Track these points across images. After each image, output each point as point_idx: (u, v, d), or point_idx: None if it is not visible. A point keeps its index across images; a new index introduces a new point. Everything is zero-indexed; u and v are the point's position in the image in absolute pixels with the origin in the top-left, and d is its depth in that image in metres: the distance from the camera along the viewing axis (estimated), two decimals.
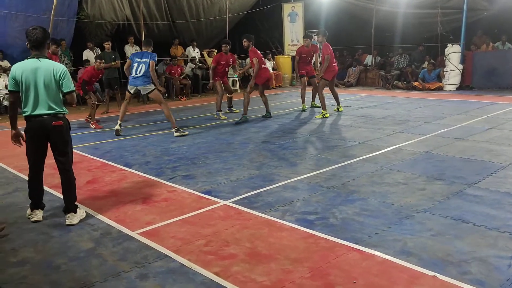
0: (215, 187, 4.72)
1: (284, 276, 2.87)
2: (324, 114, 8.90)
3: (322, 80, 9.09)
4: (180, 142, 6.98)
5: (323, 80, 9.07)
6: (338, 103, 9.68)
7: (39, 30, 3.75)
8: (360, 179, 4.84)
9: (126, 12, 13.39)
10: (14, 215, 4.09)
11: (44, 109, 3.74)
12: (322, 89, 9.09)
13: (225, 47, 9.37)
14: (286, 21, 16.37)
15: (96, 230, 3.71)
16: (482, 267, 2.90)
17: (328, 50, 8.87)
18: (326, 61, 8.81)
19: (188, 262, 3.09)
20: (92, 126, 8.47)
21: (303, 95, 10.05)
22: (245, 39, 8.87)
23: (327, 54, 8.82)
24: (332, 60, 8.99)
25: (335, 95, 9.61)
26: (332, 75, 9.20)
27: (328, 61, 8.81)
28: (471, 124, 7.65)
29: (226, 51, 9.35)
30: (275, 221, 3.77)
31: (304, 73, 10.00)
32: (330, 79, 9.17)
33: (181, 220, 3.85)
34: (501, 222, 3.60)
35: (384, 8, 14.62)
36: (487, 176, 4.78)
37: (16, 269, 3.08)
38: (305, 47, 9.93)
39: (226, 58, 9.38)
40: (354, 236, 3.43)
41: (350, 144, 6.51)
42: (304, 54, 9.90)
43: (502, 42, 13.07)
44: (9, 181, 5.18)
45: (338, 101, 9.69)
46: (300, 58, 9.93)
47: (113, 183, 4.98)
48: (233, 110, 10.10)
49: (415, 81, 13.43)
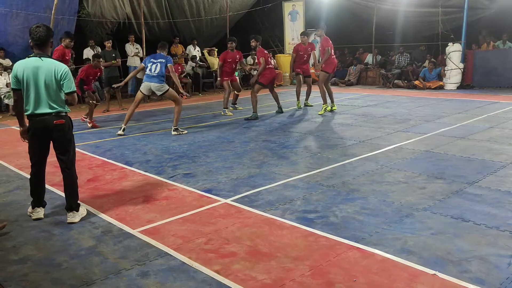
0: (215, 185, 4.73)
1: (285, 274, 2.88)
2: (326, 108, 8.83)
3: (323, 73, 9.03)
4: (180, 141, 6.99)
5: (324, 72, 9.02)
6: (332, 101, 9.43)
7: (42, 28, 3.71)
8: (361, 177, 4.85)
9: (127, 10, 13.39)
10: (15, 213, 4.09)
11: (46, 108, 3.74)
12: (322, 82, 9.02)
13: (231, 44, 9.37)
14: (287, 19, 16.36)
15: (97, 228, 3.72)
16: (482, 266, 2.91)
17: (328, 43, 8.86)
18: (327, 53, 8.79)
19: (188, 260, 3.10)
20: (89, 125, 8.44)
21: (298, 92, 9.99)
22: (253, 39, 8.91)
23: (328, 47, 8.79)
24: (331, 53, 8.97)
25: (329, 92, 9.37)
26: (333, 67, 9.18)
27: (329, 53, 8.79)
28: (471, 123, 7.65)
29: (232, 48, 9.35)
30: (275, 219, 3.77)
31: (300, 72, 9.96)
32: (331, 71, 9.15)
33: (181, 218, 3.85)
34: (501, 221, 3.60)
35: (385, 6, 14.60)
36: (488, 175, 4.79)
37: (17, 267, 3.09)
38: (302, 44, 9.86)
39: (233, 55, 9.37)
40: (355, 234, 3.43)
41: (350, 142, 6.52)
42: (301, 51, 9.81)
43: (503, 41, 13.05)
44: (10, 179, 5.19)
45: (332, 99, 9.44)
46: (296, 55, 9.82)
47: (114, 182, 4.99)
48: (237, 107, 10.11)
49: (415, 80, 13.43)
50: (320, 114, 8.85)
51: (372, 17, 15.03)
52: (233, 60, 9.38)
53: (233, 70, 9.61)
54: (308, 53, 9.96)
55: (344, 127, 7.82)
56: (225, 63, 9.35)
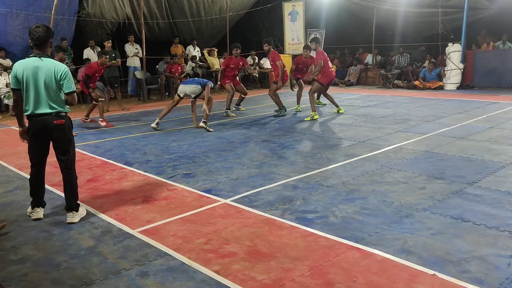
0: (215, 185, 4.73)
1: (284, 274, 2.88)
2: (313, 116, 8.72)
3: (316, 83, 8.92)
4: (180, 141, 6.99)
5: (317, 83, 8.91)
6: (336, 105, 9.45)
7: (42, 28, 3.71)
8: (360, 178, 4.85)
9: (127, 10, 13.40)
10: (15, 213, 4.09)
11: (45, 108, 3.73)
12: (313, 92, 8.95)
13: (236, 51, 9.39)
14: (287, 20, 16.36)
15: (97, 228, 3.72)
16: (481, 266, 2.91)
17: (322, 56, 8.70)
18: (319, 66, 8.65)
19: (188, 260, 3.09)
20: (102, 124, 8.41)
21: (299, 96, 10.02)
22: (266, 43, 8.95)
23: (321, 60, 8.65)
24: (328, 66, 8.81)
25: (330, 99, 9.47)
26: (328, 80, 9.01)
27: (321, 66, 8.63)
28: (471, 123, 7.65)
29: (236, 54, 9.37)
30: (275, 219, 3.77)
31: (301, 77, 10.03)
32: (325, 83, 8.99)
33: (181, 219, 3.85)
34: (500, 221, 3.60)
35: (384, 6, 14.61)
36: (487, 175, 4.79)
37: (16, 267, 3.09)
38: (303, 58, 9.81)
39: (236, 61, 9.37)
40: (354, 234, 3.43)
41: (350, 143, 6.52)
42: (300, 64, 9.84)
43: (502, 42, 13.06)
44: (10, 179, 5.19)
45: (336, 104, 9.46)
46: (296, 67, 9.85)
47: (113, 182, 4.99)
48: (240, 108, 10.08)
49: (415, 80, 13.44)
50: (307, 120, 8.67)
51: (372, 17, 15.04)
52: (236, 66, 9.39)
53: (235, 75, 9.61)
54: (307, 66, 9.95)
55: (344, 127, 7.82)
56: (228, 68, 9.35)
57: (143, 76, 12.66)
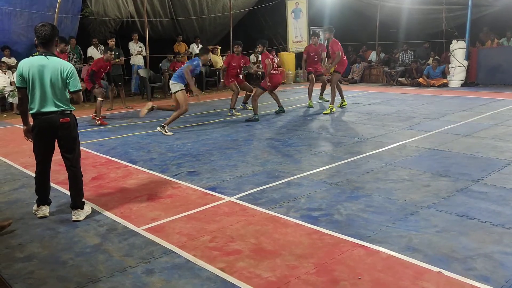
0: (219, 183, 4.74)
1: (289, 272, 2.88)
2: (332, 108, 9.01)
3: (336, 74, 9.23)
4: (184, 139, 7.00)
5: (336, 73, 9.22)
6: (342, 97, 9.82)
7: (47, 26, 3.71)
8: (365, 175, 4.84)
9: (130, 9, 13.41)
10: (20, 211, 4.11)
11: (51, 107, 3.74)
12: (335, 83, 9.21)
13: (237, 49, 9.36)
14: (290, 17, 16.34)
15: (102, 226, 3.74)
16: (487, 263, 2.90)
17: (338, 46, 8.95)
18: (338, 57, 8.93)
19: (193, 258, 3.10)
20: (97, 122, 8.46)
21: (311, 90, 10.09)
22: (259, 44, 8.96)
23: (338, 50, 8.88)
24: (343, 54, 9.13)
25: (339, 89, 9.75)
26: (344, 67, 9.50)
27: (339, 57, 8.94)
28: (476, 121, 7.62)
29: (238, 52, 9.34)
30: (279, 217, 3.78)
31: (312, 71, 10.07)
32: (342, 72, 9.45)
33: (186, 216, 3.86)
34: (506, 219, 3.59)
35: (388, 4, 14.55)
36: (492, 173, 4.77)
37: (23, 264, 3.11)
38: (313, 46, 10.00)
39: (238, 59, 9.34)
40: (359, 232, 3.43)
41: (354, 140, 6.51)
42: (311, 52, 9.96)
43: (507, 39, 12.99)
44: (15, 177, 5.21)
45: (342, 95, 9.85)
46: (307, 56, 9.98)
47: (118, 180, 5.01)
48: (247, 107, 10.04)
49: (419, 77, 13.39)
50: (326, 114, 8.89)
51: (375, 15, 14.98)
52: (237, 64, 9.35)
53: (238, 73, 9.57)
54: (319, 54, 10.08)
55: (348, 125, 7.81)
56: (230, 67, 9.34)
57: (146, 74, 12.67)
